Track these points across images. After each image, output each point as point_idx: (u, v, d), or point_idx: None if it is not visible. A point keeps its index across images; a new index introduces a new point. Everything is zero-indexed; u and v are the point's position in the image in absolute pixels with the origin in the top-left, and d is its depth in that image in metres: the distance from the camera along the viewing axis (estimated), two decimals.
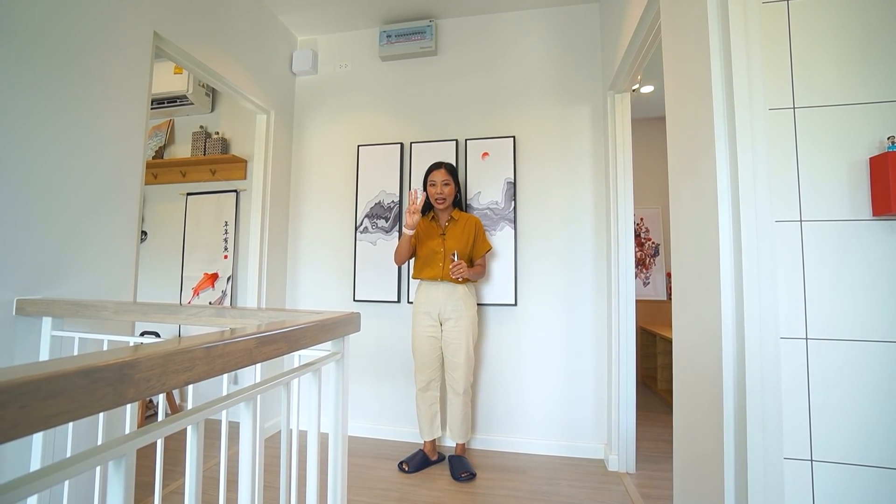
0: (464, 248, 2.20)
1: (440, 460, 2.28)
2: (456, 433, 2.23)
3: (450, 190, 2.21)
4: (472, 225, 2.25)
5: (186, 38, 1.98)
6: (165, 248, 3.11)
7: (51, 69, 1.43)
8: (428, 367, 2.22)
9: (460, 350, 2.16)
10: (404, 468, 2.18)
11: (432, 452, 2.27)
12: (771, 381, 0.99)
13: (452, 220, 2.25)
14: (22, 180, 1.36)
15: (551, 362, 2.45)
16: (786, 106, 1.06)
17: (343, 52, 2.89)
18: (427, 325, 2.21)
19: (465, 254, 2.20)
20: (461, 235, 2.22)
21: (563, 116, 2.52)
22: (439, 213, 2.29)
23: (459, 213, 2.29)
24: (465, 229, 2.23)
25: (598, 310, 2.41)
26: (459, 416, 2.21)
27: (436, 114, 2.69)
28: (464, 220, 2.25)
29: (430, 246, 2.22)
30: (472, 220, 2.26)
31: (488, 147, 2.56)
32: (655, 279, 4.03)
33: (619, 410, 2.21)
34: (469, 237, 2.22)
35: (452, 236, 2.21)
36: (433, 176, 2.22)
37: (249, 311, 1.12)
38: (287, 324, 0.82)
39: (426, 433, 2.26)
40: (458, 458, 2.21)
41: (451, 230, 2.24)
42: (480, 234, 2.28)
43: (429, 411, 2.25)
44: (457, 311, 2.18)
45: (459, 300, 2.18)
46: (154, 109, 2.99)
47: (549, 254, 2.48)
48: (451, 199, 2.24)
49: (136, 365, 0.48)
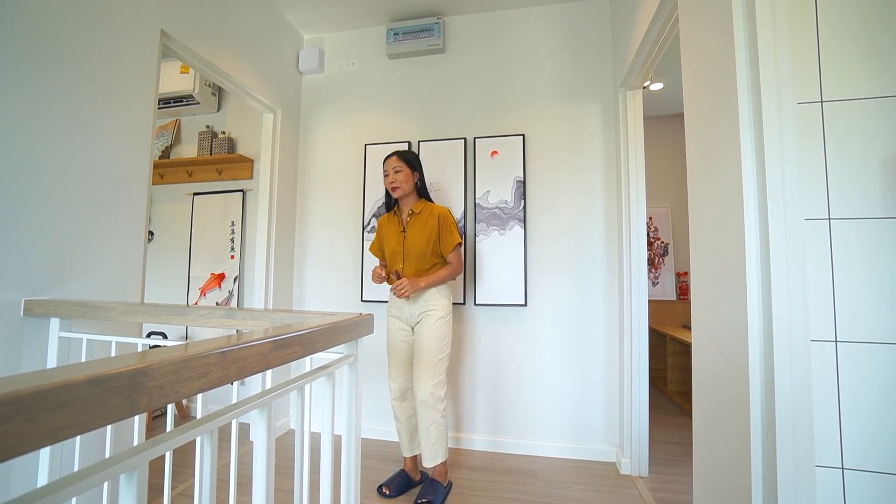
0: (426, 245, 1.95)
1: (424, 479, 2.03)
2: (423, 451, 1.92)
3: (403, 176, 1.96)
4: (434, 217, 1.97)
5: (194, 36, 1.96)
6: (172, 249, 3.10)
7: (57, 69, 1.41)
8: (401, 374, 2.00)
9: (422, 353, 1.92)
10: (385, 492, 1.94)
11: (414, 471, 2.03)
12: (801, 385, 0.96)
13: (413, 213, 2.00)
14: (29, 181, 1.34)
15: (561, 363, 2.41)
16: (813, 99, 1.02)
17: (350, 50, 2.86)
18: (398, 329, 2.02)
19: (429, 251, 1.96)
20: (422, 230, 1.96)
21: (573, 114, 2.48)
22: (402, 206, 2.05)
23: (424, 203, 2.02)
24: (426, 223, 1.97)
25: (610, 310, 2.37)
26: (422, 431, 1.91)
27: (444, 112, 2.66)
28: (427, 213, 1.99)
29: (391, 245, 2.03)
30: (436, 212, 1.99)
31: (497, 145, 2.52)
32: (664, 279, 3.98)
33: (632, 412, 2.17)
34: (432, 231, 1.96)
35: (413, 233, 1.98)
36: (385, 166, 2.01)
37: (259, 312, 1.09)
38: (299, 327, 0.79)
39: (405, 448, 2.03)
40: (429, 483, 1.92)
41: (411, 226, 1.99)
42: (445, 226, 1.97)
43: (407, 423, 2.02)
44: (424, 315, 1.95)
45: (427, 302, 1.96)
46: (160, 109, 2.97)
47: (559, 253, 2.44)
48: (407, 186, 1.97)
49: (148, 372, 0.45)
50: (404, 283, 1.87)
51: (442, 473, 1.95)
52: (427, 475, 2.04)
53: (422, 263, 1.98)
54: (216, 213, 2.98)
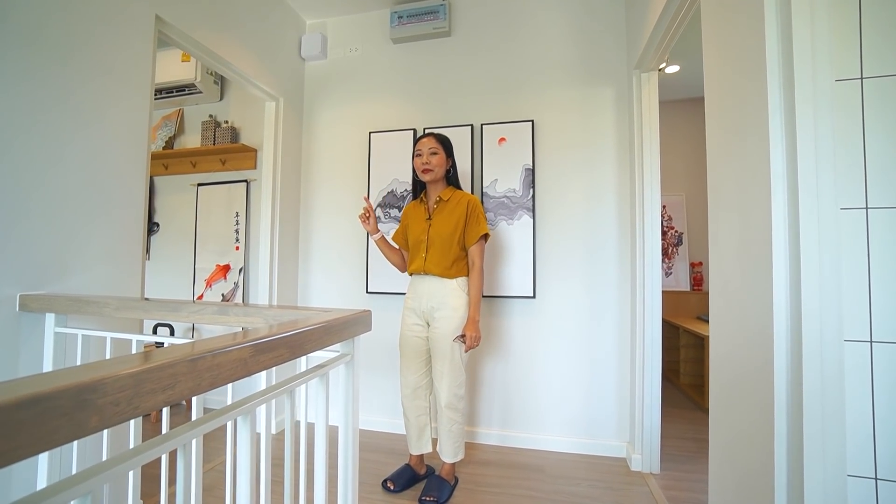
0: (451, 234, 1.84)
1: (430, 473, 2.01)
2: (441, 450, 1.90)
3: (438, 160, 1.87)
4: (463, 205, 1.87)
5: (191, 22, 1.90)
6: (178, 240, 3.08)
7: (51, 61, 1.37)
8: (413, 371, 1.94)
9: (444, 356, 1.84)
10: (389, 487, 1.90)
11: (419, 466, 1.99)
12: (833, 388, 0.88)
13: (441, 200, 1.91)
14: (25, 174, 1.31)
15: (571, 356, 2.34)
16: (852, 76, 0.93)
17: (353, 35, 2.78)
18: (412, 324, 1.94)
19: (454, 241, 1.86)
20: (449, 219, 1.87)
21: (584, 98, 2.38)
22: (429, 192, 1.96)
23: (453, 191, 1.93)
24: (454, 211, 1.87)
25: (622, 301, 2.29)
26: (444, 432, 1.87)
27: (450, 98, 2.57)
28: (455, 200, 1.89)
29: (415, 234, 1.94)
30: (465, 199, 1.89)
31: (505, 132, 2.43)
32: (678, 269, 3.87)
33: (643, 407, 2.10)
34: (459, 220, 1.85)
35: (439, 220, 1.89)
36: (419, 145, 1.91)
37: (254, 308, 1.04)
38: (289, 327, 0.74)
39: (413, 446, 1.96)
40: (435, 479, 1.88)
41: (438, 213, 1.90)
42: (474, 214, 1.86)
43: (416, 422, 1.95)
44: (444, 310, 1.84)
45: (448, 296, 1.85)
46: (163, 98, 2.93)
47: (569, 244, 2.36)
48: (441, 171, 1.88)
49: (98, 388, 0.40)
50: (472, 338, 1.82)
51: (449, 472, 1.91)
52: (433, 469, 2.01)
53: (445, 254, 1.86)
54: (221, 203, 2.95)
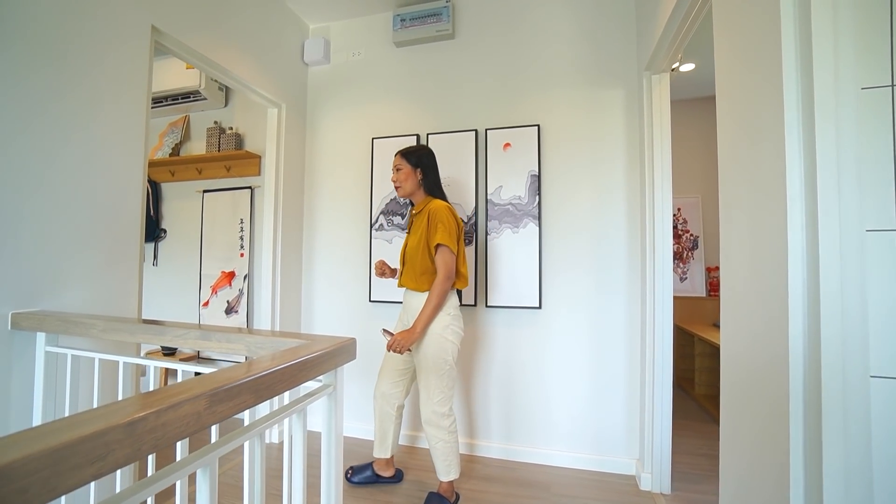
0: (417, 247, 1.80)
1: (394, 480, 2.03)
2: (435, 466, 1.85)
3: (403, 175, 1.84)
4: (426, 214, 1.78)
5: (188, 30, 1.88)
6: (184, 246, 3.09)
7: (45, 74, 1.35)
8: (386, 380, 1.93)
9: (424, 371, 1.79)
10: (348, 475, 2.01)
11: (383, 468, 2.00)
12: (858, 431, 0.80)
13: (415, 213, 1.87)
14: (16, 187, 1.29)
15: (578, 368, 2.27)
16: (881, 83, 0.84)
17: (356, 38, 2.73)
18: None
19: (420, 253, 1.79)
20: (417, 230, 1.82)
21: (593, 102, 2.29)
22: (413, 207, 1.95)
23: (427, 201, 1.85)
24: (422, 221, 1.80)
25: (631, 311, 2.20)
26: (431, 449, 1.83)
27: (453, 102, 2.51)
28: (425, 211, 1.80)
29: (401, 251, 1.97)
30: (429, 208, 1.79)
31: (510, 137, 2.36)
32: (694, 274, 3.74)
33: (653, 422, 2.01)
34: (423, 231, 1.77)
35: (412, 233, 1.86)
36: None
37: (237, 335, 1.00)
38: (257, 367, 0.69)
39: (375, 449, 1.97)
40: (435, 497, 1.83)
41: (412, 226, 1.89)
42: (433, 223, 1.74)
43: (380, 427, 1.94)
44: None
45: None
46: (169, 105, 2.94)
47: (576, 252, 2.28)
48: (410, 184, 1.85)
49: (4, 474, 0.36)
50: (396, 341, 1.73)
51: (447, 490, 1.85)
52: (399, 475, 2.08)
53: (415, 266, 1.82)
54: (225, 210, 2.94)
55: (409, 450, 2.43)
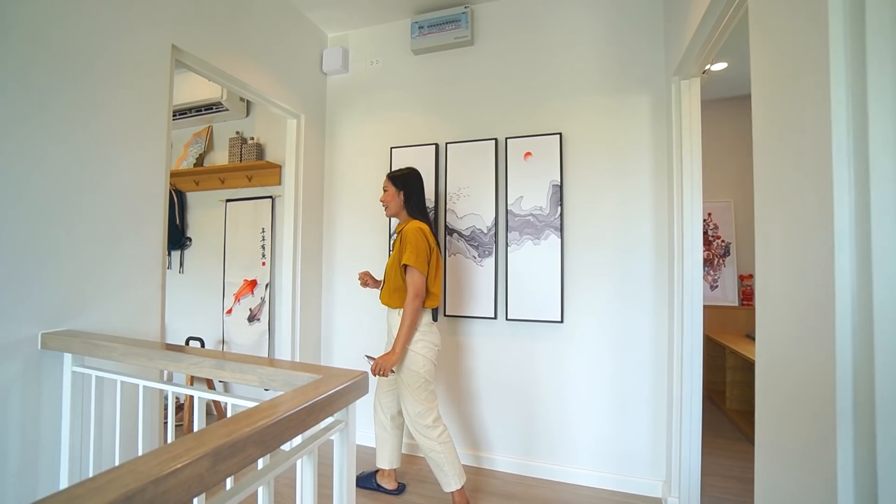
0: (392, 266, 1.89)
1: (395, 492, 2.06)
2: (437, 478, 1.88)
3: (388, 196, 1.94)
4: (401, 235, 1.86)
5: (207, 47, 1.90)
6: (209, 254, 3.15)
7: (68, 95, 1.38)
8: (381, 387, 2.03)
9: (399, 388, 1.89)
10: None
11: (386, 480, 2.06)
12: None
13: (398, 232, 1.92)
14: (44, 211, 1.33)
15: (601, 383, 2.19)
16: None
17: (374, 47, 2.72)
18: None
19: (394, 272, 1.88)
20: (394, 250, 1.91)
21: (617, 109, 2.20)
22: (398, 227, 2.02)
23: (408, 221, 1.91)
24: (398, 242, 1.89)
25: (658, 325, 2.11)
26: (428, 460, 1.86)
27: (473, 110, 2.47)
28: (402, 231, 1.88)
29: None
30: (405, 228, 1.85)
31: (531, 146, 2.30)
32: (725, 282, 3.58)
33: (681, 441, 1.93)
34: (397, 251, 1.86)
35: (393, 251, 1.95)
36: None
37: (249, 365, 1.00)
38: (262, 413, 0.67)
39: (377, 458, 2.06)
40: None
41: (394, 245, 1.96)
42: (404, 244, 1.81)
43: (378, 435, 2.05)
44: (392, 340, 1.90)
45: (394, 326, 1.88)
46: (193, 117, 3.00)
47: (600, 264, 2.21)
48: (395, 205, 1.94)
49: None
50: (378, 365, 1.78)
51: (461, 501, 1.84)
52: (402, 487, 2.11)
53: (388, 286, 1.91)
54: (247, 219, 2.99)
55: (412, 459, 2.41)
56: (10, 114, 1.25)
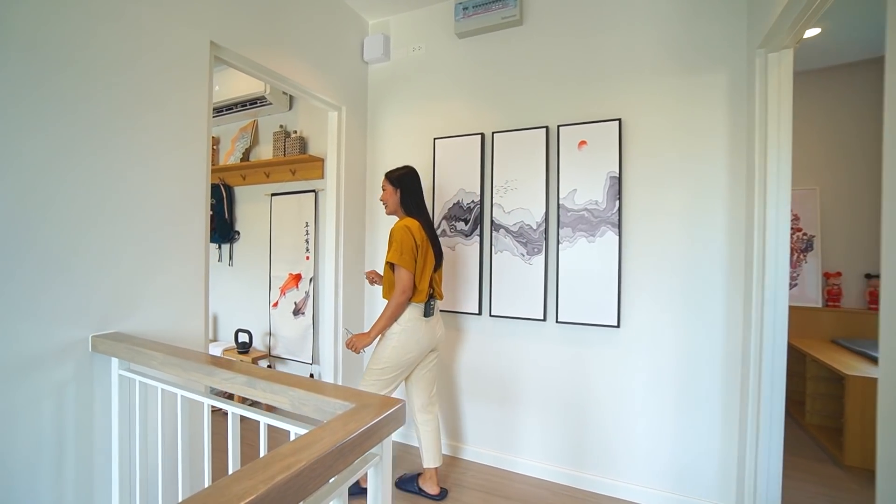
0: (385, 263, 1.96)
1: (438, 497, 2.02)
2: None
3: (385, 195, 2.00)
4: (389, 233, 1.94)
5: (246, 42, 1.85)
6: (255, 248, 3.21)
7: (114, 106, 1.38)
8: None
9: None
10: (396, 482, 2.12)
11: (427, 484, 2.03)
12: None
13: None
14: (90, 214, 1.34)
15: (662, 393, 1.99)
16: None
17: (417, 32, 2.58)
18: None
19: (387, 268, 1.96)
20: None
21: (686, 90, 1.94)
22: None
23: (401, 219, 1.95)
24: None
25: (731, 331, 1.87)
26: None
27: (522, 97, 2.28)
28: (391, 230, 1.94)
29: None
30: (393, 227, 1.92)
31: (586, 134, 2.09)
32: (806, 280, 3.18)
33: (757, 461, 1.71)
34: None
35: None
36: None
37: (280, 386, 0.93)
38: (282, 467, 0.59)
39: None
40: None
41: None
42: (389, 241, 1.89)
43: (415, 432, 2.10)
44: None
45: None
46: (239, 112, 3.02)
47: (663, 263, 1.98)
48: (391, 204, 1.99)
49: None
50: (352, 341, 1.89)
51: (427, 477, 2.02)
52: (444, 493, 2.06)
53: (386, 286, 1.98)
54: (292, 213, 2.99)
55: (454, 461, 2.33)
56: (68, 123, 1.25)
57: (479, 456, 2.38)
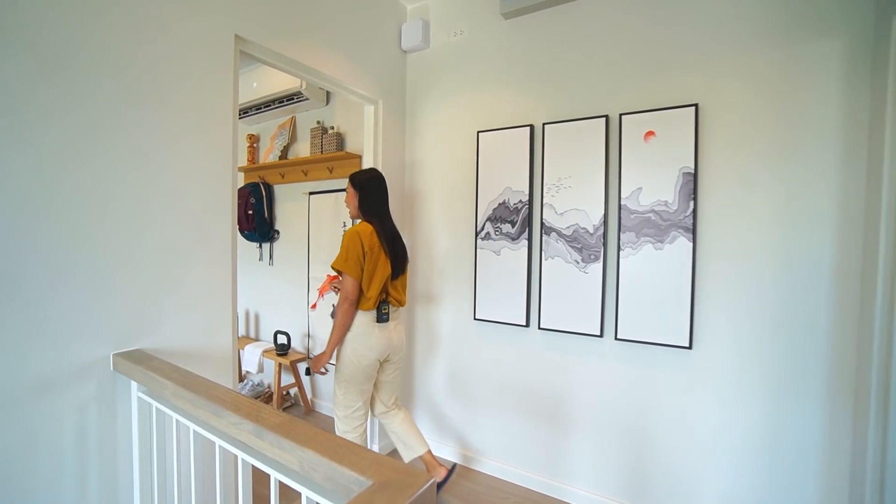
0: None
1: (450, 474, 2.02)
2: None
3: (348, 197, 1.95)
4: None
5: (274, 35, 1.72)
6: (294, 247, 3.15)
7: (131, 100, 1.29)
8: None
9: None
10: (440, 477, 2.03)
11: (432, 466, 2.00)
12: None
13: None
14: (112, 227, 1.27)
15: (743, 430, 1.69)
16: None
17: (458, 15, 2.36)
18: None
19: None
20: None
21: (785, 65, 1.59)
22: None
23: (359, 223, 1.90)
24: None
25: (842, 356, 1.53)
26: None
27: (576, 82, 2.01)
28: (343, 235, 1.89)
29: None
30: (345, 231, 1.89)
31: (654, 123, 1.79)
32: None
33: None
34: None
35: None
36: None
37: (287, 441, 0.78)
38: None
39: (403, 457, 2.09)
40: None
41: None
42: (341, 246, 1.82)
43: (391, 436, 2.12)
44: None
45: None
46: (276, 109, 2.94)
47: (749, 274, 1.67)
48: (351, 206, 1.94)
49: None
50: (312, 363, 1.92)
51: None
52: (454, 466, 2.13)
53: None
54: (329, 212, 2.89)
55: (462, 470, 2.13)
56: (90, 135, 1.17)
57: (522, 479, 2.18)
